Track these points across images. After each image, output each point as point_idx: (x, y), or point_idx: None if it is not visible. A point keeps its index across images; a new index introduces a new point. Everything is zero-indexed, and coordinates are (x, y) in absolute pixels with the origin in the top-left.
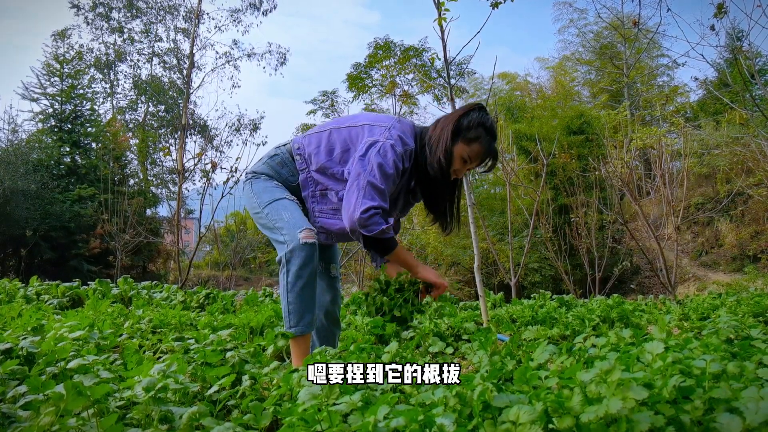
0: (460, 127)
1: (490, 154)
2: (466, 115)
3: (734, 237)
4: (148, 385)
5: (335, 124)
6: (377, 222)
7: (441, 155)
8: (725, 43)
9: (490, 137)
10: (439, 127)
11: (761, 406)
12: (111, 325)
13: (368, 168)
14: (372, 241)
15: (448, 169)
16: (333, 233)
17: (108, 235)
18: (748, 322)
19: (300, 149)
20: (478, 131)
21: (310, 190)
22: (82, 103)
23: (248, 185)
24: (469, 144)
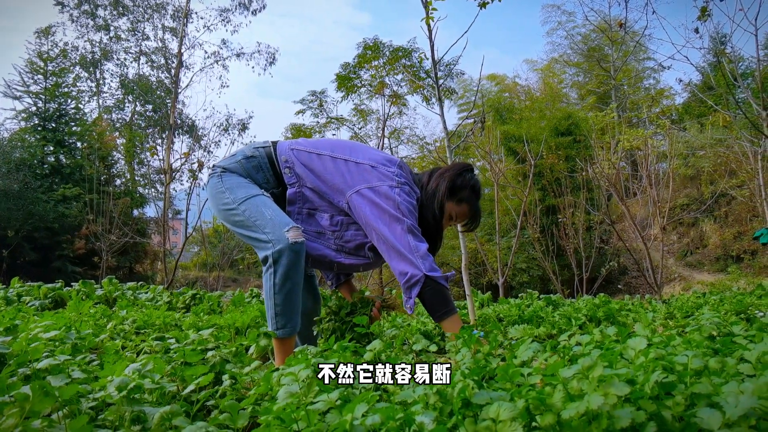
0: (453, 185)
1: (474, 215)
2: (460, 175)
3: (718, 237)
4: (121, 385)
5: (330, 150)
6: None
7: (436, 209)
8: (709, 45)
9: (477, 200)
10: (434, 181)
11: (741, 400)
12: (93, 327)
13: (401, 212)
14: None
15: (441, 222)
16: (311, 257)
17: (93, 235)
18: (731, 319)
19: (288, 162)
20: (468, 193)
21: (297, 206)
22: (67, 101)
23: (217, 179)
24: (458, 204)
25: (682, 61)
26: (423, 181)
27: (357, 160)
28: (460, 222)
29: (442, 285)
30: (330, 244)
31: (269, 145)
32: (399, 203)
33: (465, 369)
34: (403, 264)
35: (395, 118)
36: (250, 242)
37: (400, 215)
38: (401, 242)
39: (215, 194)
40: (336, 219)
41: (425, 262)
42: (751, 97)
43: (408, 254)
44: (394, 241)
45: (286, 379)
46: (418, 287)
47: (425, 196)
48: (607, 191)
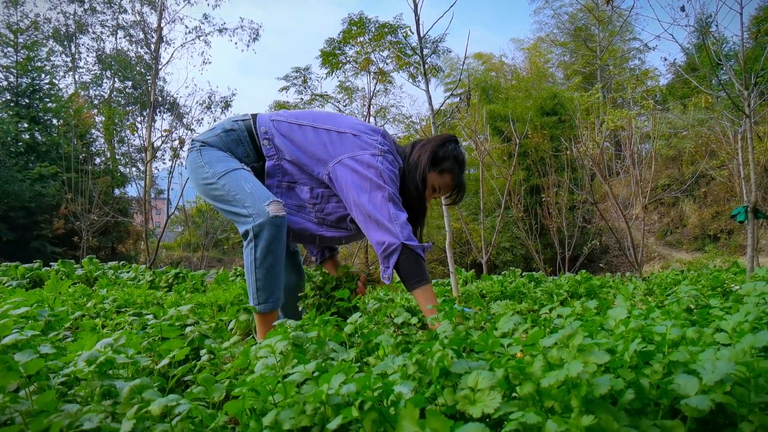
0: (436, 156)
1: (458, 187)
2: (442, 146)
3: (697, 217)
4: (90, 358)
5: (311, 121)
6: (414, 237)
7: (418, 181)
8: (694, 23)
9: (460, 170)
10: (416, 153)
11: (718, 366)
12: (72, 306)
13: (383, 180)
14: (409, 260)
15: (424, 194)
16: (291, 231)
17: (73, 215)
18: (707, 293)
19: (268, 134)
20: (451, 164)
21: (276, 179)
22: (41, 76)
23: (196, 153)
24: (441, 175)
25: (668, 39)
26: (406, 152)
27: (339, 129)
28: (443, 194)
29: (419, 254)
30: (311, 217)
31: (249, 118)
32: (381, 171)
33: (444, 339)
34: (380, 233)
35: (381, 96)
36: (231, 217)
37: (381, 183)
38: (380, 211)
39: (194, 169)
40: (316, 192)
41: (403, 231)
42: (734, 77)
43: (387, 223)
44: (372, 210)
45: (263, 351)
46: (395, 256)
47: (408, 168)
48: (591, 171)
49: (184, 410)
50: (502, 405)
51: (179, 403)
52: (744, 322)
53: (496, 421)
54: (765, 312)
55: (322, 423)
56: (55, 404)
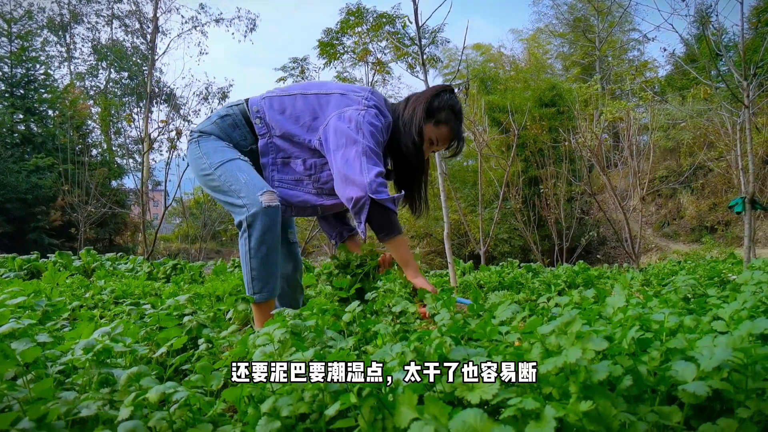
0: (431, 107)
1: (456, 137)
2: (437, 96)
3: (694, 209)
4: (87, 346)
5: (301, 89)
6: (386, 191)
7: (414, 134)
8: (694, 14)
9: (458, 121)
10: (411, 106)
11: (716, 353)
12: (70, 297)
13: (361, 135)
14: (378, 213)
15: (422, 148)
16: (292, 205)
17: (70, 206)
18: (705, 282)
19: (260, 112)
20: (447, 114)
21: (270, 157)
22: (35, 66)
23: (195, 145)
24: (438, 126)
25: (668, 29)
26: (399, 108)
27: (328, 92)
28: (442, 146)
29: (388, 208)
30: (309, 189)
31: (242, 102)
32: (360, 124)
33: (443, 327)
34: (349, 189)
35: (379, 87)
36: (227, 207)
37: (358, 137)
38: (352, 166)
39: (194, 160)
40: (309, 162)
41: (372, 184)
42: (734, 67)
43: (356, 177)
44: (343, 166)
45: (261, 339)
46: (365, 211)
47: (402, 122)
48: (589, 162)
49: (182, 397)
50: (500, 391)
51: (177, 390)
52: (741, 310)
53: (495, 407)
54: (762, 300)
55: (321, 410)
56: (52, 392)
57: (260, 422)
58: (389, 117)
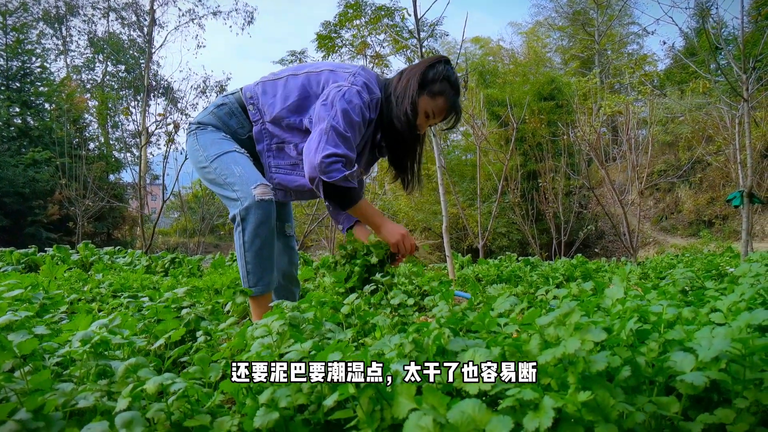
0: (425, 79)
1: (453, 109)
2: (432, 67)
3: (692, 203)
4: (84, 338)
5: (292, 71)
6: (339, 169)
7: (407, 107)
8: (694, 6)
9: (455, 92)
10: (404, 78)
11: (714, 343)
12: (68, 290)
13: (332, 113)
14: (333, 191)
15: (415, 122)
16: (291, 190)
17: (67, 200)
18: (702, 275)
19: (253, 98)
20: (443, 85)
21: (265, 143)
22: (31, 59)
23: (193, 137)
24: (433, 98)
25: (668, 22)
26: (393, 82)
27: (318, 69)
28: (438, 119)
29: (340, 186)
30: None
31: (238, 90)
32: (335, 101)
33: (441, 319)
34: (306, 168)
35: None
36: (223, 201)
37: (328, 115)
38: (309, 146)
39: (192, 153)
40: (301, 147)
41: (321, 165)
42: (733, 61)
43: (311, 157)
44: (306, 149)
45: (260, 331)
46: (320, 190)
47: (395, 96)
48: (588, 155)
49: (180, 389)
50: (498, 382)
51: (175, 381)
52: (739, 302)
53: (493, 397)
54: (759, 292)
55: (319, 401)
56: (50, 383)
57: (258, 413)
58: (377, 93)
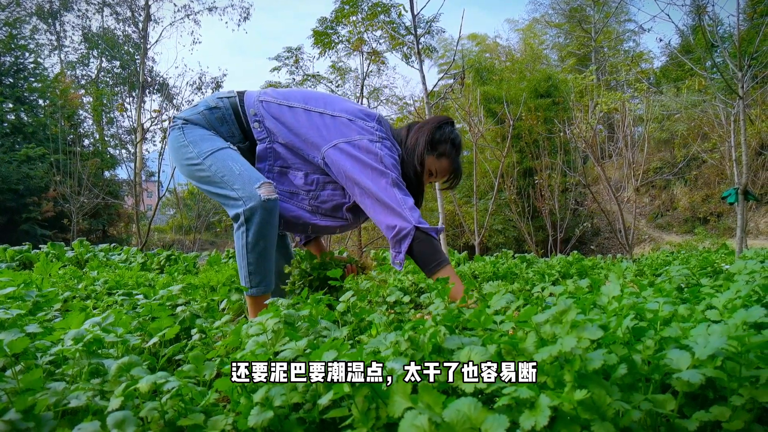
0: (433, 139)
1: (455, 171)
2: (439, 128)
3: (687, 200)
4: (77, 336)
5: (303, 103)
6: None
7: (417, 164)
8: (690, 3)
9: (457, 154)
10: (413, 136)
11: (710, 341)
12: (62, 288)
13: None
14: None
15: (422, 177)
16: (284, 219)
17: (62, 197)
18: (697, 272)
19: (257, 116)
20: (448, 147)
21: (267, 163)
22: (24, 55)
23: (178, 132)
24: (438, 159)
25: (664, 19)
26: (402, 136)
27: (333, 113)
28: (440, 178)
29: (432, 236)
30: (304, 205)
31: (234, 95)
32: (382, 157)
33: (437, 317)
34: (390, 217)
35: (374, 77)
36: (218, 199)
37: (384, 168)
38: (388, 195)
39: (177, 148)
40: (311, 178)
41: (413, 214)
42: (729, 58)
43: (396, 207)
44: (380, 194)
45: (255, 329)
46: (408, 240)
47: (405, 151)
48: (584, 153)
49: (174, 387)
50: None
51: (168, 380)
52: (735, 299)
53: (489, 396)
54: (755, 290)
55: (314, 399)
56: (41, 383)
57: (253, 412)
58: (399, 150)
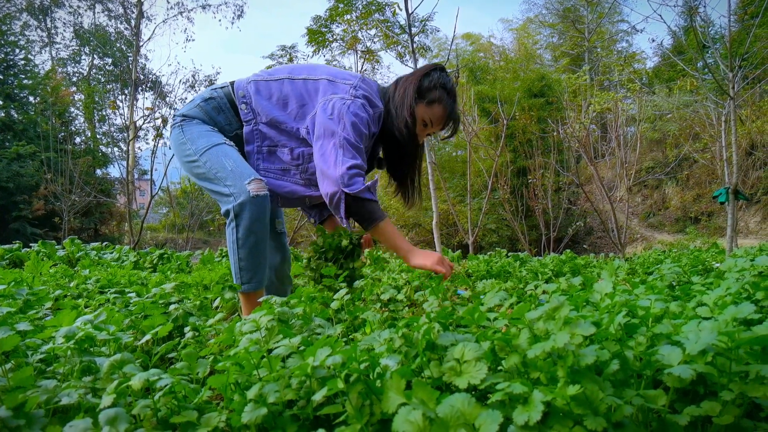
0: (421, 87)
1: (451, 117)
2: (427, 75)
3: (679, 200)
4: (68, 334)
5: (288, 74)
6: (360, 181)
7: (407, 117)
8: (682, 4)
9: (452, 99)
10: (401, 88)
11: (701, 336)
12: (54, 287)
13: (341, 126)
14: (355, 205)
15: (415, 132)
16: (279, 196)
17: (53, 195)
18: (689, 270)
19: (246, 98)
20: (439, 93)
21: (255, 144)
22: (14, 51)
23: (178, 129)
24: (430, 106)
25: (657, 20)
26: (389, 92)
27: (316, 77)
28: (437, 127)
29: (364, 198)
30: (297, 179)
31: (227, 84)
32: (343, 114)
33: (431, 313)
34: (325, 184)
35: (368, 76)
36: (214, 196)
37: (338, 128)
38: (327, 160)
39: (178, 146)
40: (297, 152)
41: (344, 177)
42: (720, 59)
43: (330, 170)
44: (320, 160)
45: (248, 327)
46: (342, 205)
47: (393, 106)
48: (577, 152)
49: (167, 384)
50: (488, 376)
51: (161, 377)
52: (726, 296)
53: (483, 392)
54: (744, 287)
55: (308, 396)
56: (32, 380)
57: (246, 409)
58: (380, 106)
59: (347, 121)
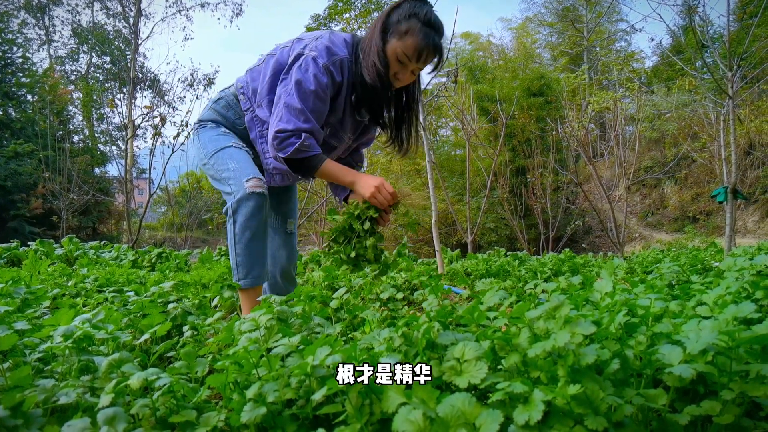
0: (389, 22)
1: (427, 47)
2: (397, 7)
3: (677, 199)
4: (66, 333)
5: (271, 51)
6: (291, 143)
7: (374, 58)
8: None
9: (428, 28)
10: (370, 30)
11: (702, 336)
12: (52, 285)
13: (287, 88)
14: (295, 163)
15: (387, 73)
16: (287, 173)
17: (51, 194)
18: (687, 269)
19: (243, 88)
20: (410, 23)
21: (257, 130)
22: (12, 49)
23: (195, 136)
24: (401, 39)
25: (656, 19)
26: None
27: (290, 43)
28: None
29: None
30: None
31: (233, 83)
32: (291, 73)
33: (431, 313)
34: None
35: None
36: (223, 196)
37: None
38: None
39: (196, 151)
40: None
41: (274, 141)
42: (719, 58)
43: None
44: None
45: (247, 326)
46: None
47: (362, 50)
48: (576, 151)
49: (165, 384)
50: (488, 375)
51: (160, 376)
52: (725, 295)
53: (483, 391)
54: (744, 286)
55: (307, 395)
56: (30, 380)
57: (245, 408)
58: (341, 54)
59: (293, 81)
